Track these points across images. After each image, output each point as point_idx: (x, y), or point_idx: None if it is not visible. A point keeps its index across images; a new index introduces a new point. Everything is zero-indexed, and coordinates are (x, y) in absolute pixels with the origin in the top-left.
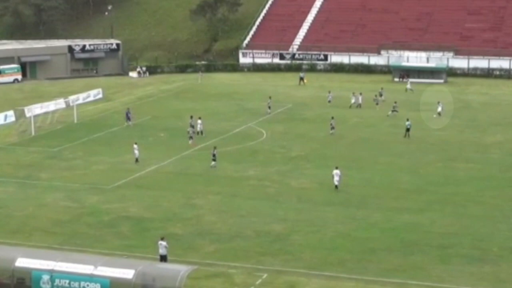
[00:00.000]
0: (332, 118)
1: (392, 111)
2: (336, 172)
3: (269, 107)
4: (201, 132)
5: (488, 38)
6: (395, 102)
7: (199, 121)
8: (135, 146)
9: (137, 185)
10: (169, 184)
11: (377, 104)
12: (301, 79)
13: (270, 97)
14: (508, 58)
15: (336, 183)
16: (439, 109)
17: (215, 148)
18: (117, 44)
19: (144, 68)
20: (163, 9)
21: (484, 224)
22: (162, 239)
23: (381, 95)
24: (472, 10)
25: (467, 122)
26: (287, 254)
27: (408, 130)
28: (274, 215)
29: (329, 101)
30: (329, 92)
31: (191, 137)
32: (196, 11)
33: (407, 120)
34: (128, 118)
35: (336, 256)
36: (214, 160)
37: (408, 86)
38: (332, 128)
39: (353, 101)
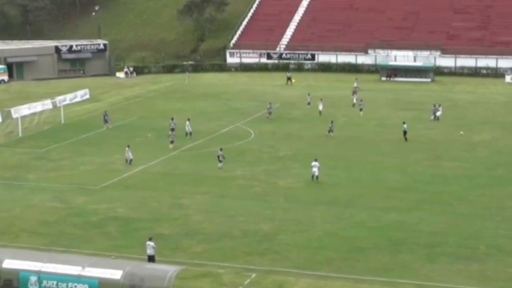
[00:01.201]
0: (332, 122)
1: (329, 131)
2: (314, 163)
3: (270, 113)
4: (190, 134)
5: (475, 37)
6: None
7: (187, 122)
8: (127, 149)
9: (124, 186)
10: (157, 184)
11: (360, 110)
12: (289, 78)
13: (270, 103)
14: (495, 57)
15: (316, 173)
16: (439, 112)
17: (221, 149)
18: (104, 45)
19: (131, 69)
20: (150, 9)
21: (472, 222)
22: (150, 239)
23: (355, 93)
24: (459, 9)
25: (454, 121)
26: (275, 253)
27: (405, 133)
28: (261, 214)
29: (309, 103)
30: (309, 94)
31: (172, 141)
32: (183, 11)
33: (404, 123)
34: (105, 121)
35: (324, 255)
36: (220, 161)
37: (355, 84)
38: (330, 130)
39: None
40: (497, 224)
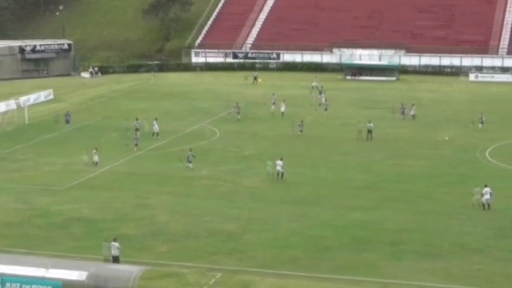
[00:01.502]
0: (302, 121)
1: (300, 130)
2: (278, 162)
3: (238, 112)
4: (157, 134)
5: (438, 35)
6: (190, 150)
7: (154, 122)
8: (94, 151)
9: (89, 186)
10: (122, 184)
11: (326, 109)
12: (255, 78)
13: (237, 103)
14: (459, 55)
15: (281, 170)
16: (413, 112)
17: (190, 149)
18: (69, 44)
19: (96, 68)
20: (115, 9)
21: (436, 220)
22: (114, 240)
23: (320, 93)
24: (423, 8)
25: (419, 119)
26: (240, 253)
27: (370, 132)
28: (227, 214)
29: (274, 103)
30: (273, 94)
31: (136, 144)
32: (148, 10)
33: (369, 122)
34: (67, 121)
35: (289, 254)
36: (190, 161)
37: (314, 83)
38: (301, 131)
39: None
40: (461, 221)
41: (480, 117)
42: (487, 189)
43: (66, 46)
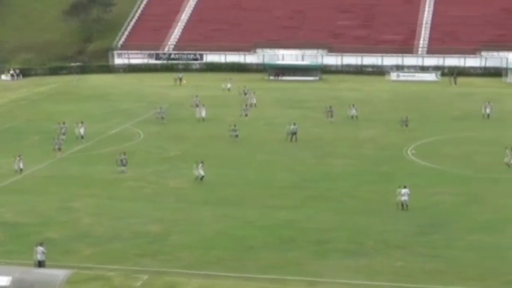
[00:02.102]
0: (235, 125)
1: (235, 135)
2: (200, 165)
3: (162, 117)
4: (82, 137)
5: (359, 35)
6: (124, 154)
7: (80, 125)
8: (18, 158)
9: (11, 190)
10: (45, 188)
11: (246, 115)
12: (180, 79)
13: (160, 107)
14: (379, 55)
15: (202, 174)
16: (353, 111)
17: (124, 153)
18: None
19: (17, 71)
20: (35, 11)
21: (360, 218)
22: (40, 244)
23: (245, 94)
24: (344, 8)
25: (341, 119)
26: (166, 254)
27: (294, 134)
28: (151, 215)
29: (197, 105)
30: (196, 96)
31: (59, 148)
32: (68, 11)
33: (294, 124)
34: None
35: (214, 254)
36: (124, 165)
37: (228, 85)
38: (236, 136)
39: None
40: (384, 219)
41: (405, 120)
42: (405, 190)
43: None
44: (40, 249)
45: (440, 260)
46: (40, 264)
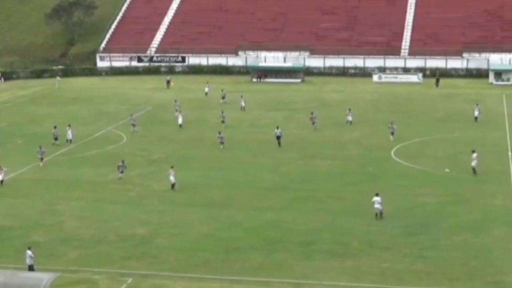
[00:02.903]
0: (220, 133)
1: (221, 142)
2: (170, 171)
3: (133, 125)
4: (70, 141)
5: (342, 37)
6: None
7: (67, 128)
8: (4, 169)
9: None
10: (30, 191)
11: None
12: (168, 82)
13: (131, 114)
14: (362, 57)
15: (173, 181)
16: (349, 117)
17: (123, 161)
18: None
19: None
20: (18, 13)
21: (345, 219)
22: (29, 248)
23: (223, 98)
24: (326, 10)
25: (324, 120)
26: (152, 257)
27: (278, 138)
28: (137, 218)
29: (177, 110)
30: (175, 101)
31: (41, 158)
32: (51, 14)
33: (277, 128)
34: None
35: (200, 257)
36: (121, 172)
37: (205, 89)
38: (222, 143)
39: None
40: (369, 220)
41: (391, 126)
42: (377, 198)
43: None
44: (28, 253)
45: (426, 261)
46: (30, 268)
